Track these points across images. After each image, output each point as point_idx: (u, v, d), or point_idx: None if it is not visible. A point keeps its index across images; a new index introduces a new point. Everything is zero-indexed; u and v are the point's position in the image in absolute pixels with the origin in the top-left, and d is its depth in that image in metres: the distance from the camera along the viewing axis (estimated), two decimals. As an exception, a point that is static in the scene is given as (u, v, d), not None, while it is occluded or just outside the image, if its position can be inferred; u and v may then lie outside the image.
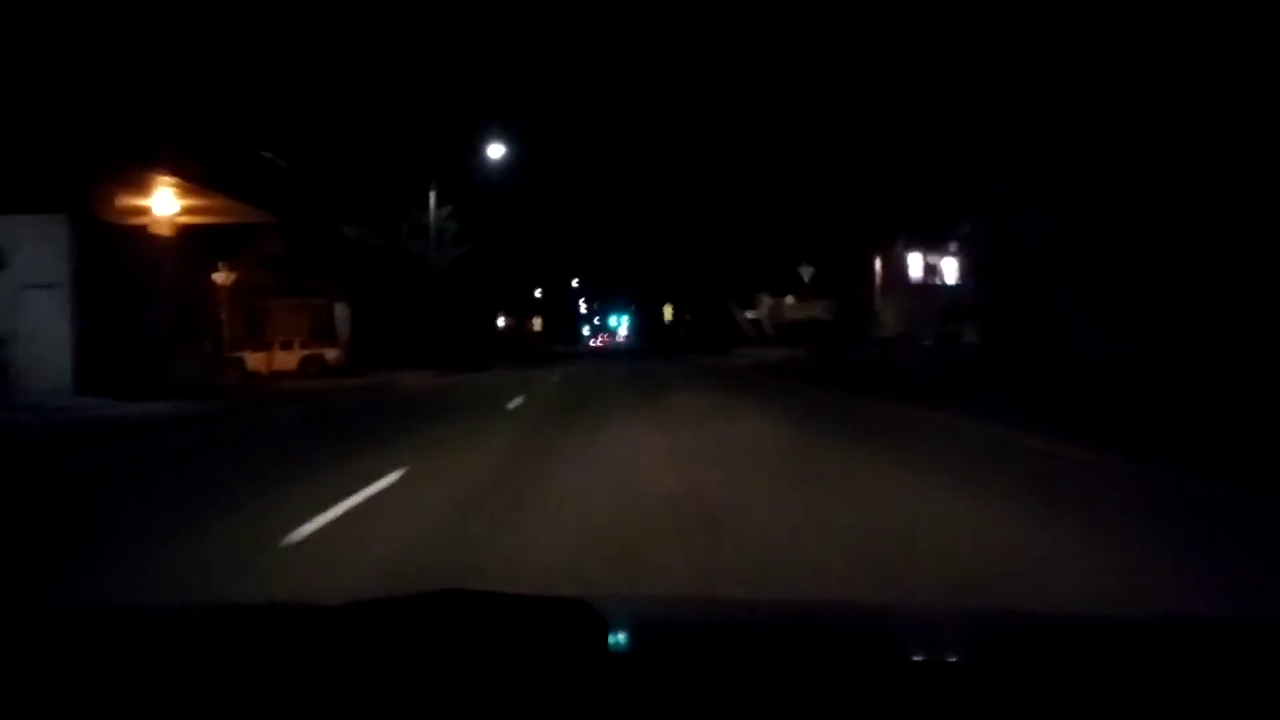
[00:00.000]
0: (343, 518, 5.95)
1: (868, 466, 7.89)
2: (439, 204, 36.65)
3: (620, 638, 1.32)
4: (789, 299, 45.05)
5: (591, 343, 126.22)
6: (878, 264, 45.08)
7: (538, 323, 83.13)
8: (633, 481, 7.21)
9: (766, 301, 44.37)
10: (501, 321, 69.29)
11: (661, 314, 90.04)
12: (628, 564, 4.58)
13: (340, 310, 41.63)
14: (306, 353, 32.30)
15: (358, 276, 38.18)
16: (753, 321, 47.81)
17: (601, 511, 5.91)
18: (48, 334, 17.90)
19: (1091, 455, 8.12)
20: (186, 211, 22.76)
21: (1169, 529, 5.26)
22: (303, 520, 5.69)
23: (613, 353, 66.34)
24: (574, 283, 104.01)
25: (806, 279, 35.33)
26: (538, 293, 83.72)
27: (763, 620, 1.67)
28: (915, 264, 42.16)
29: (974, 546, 4.80)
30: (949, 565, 4.41)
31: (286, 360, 32.15)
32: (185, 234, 23.66)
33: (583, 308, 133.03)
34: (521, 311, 77.34)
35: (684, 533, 5.24)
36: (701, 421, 12.02)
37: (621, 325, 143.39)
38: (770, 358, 35.31)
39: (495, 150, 34.92)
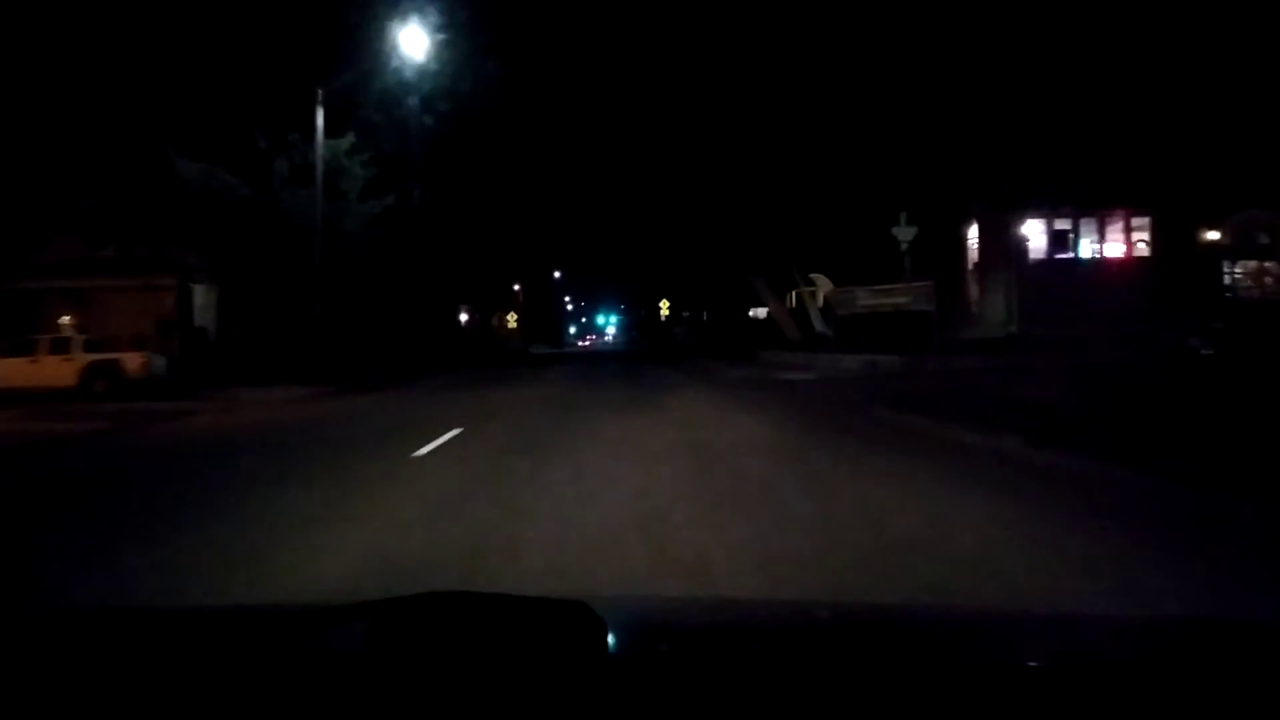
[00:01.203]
0: None
1: None
2: (335, 131, 23.88)
3: (620, 639, 1.28)
4: (831, 287, 32.52)
5: (579, 343, 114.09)
6: (972, 235, 32.45)
7: (511, 319, 70.34)
8: None
9: (822, 286, 31.57)
10: (465, 317, 56.64)
11: (657, 310, 77.35)
12: None
13: (201, 295, 28.93)
14: (93, 359, 19.62)
15: (219, 243, 25.40)
16: (793, 313, 35.09)
17: None
18: None
19: None
20: None
21: None
22: None
23: (599, 357, 53.18)
24: (556, 275, 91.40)
25: (904, 245, 22.45)
26: (516, 287, 71.31)
27: (763, 621, 1.67)
28: (1035, 233, 29.59)
29: None
30: None
31: (57, 372, 19.47)
32: None
33: (569, 305, 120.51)
34: (492, 306, 64.66)
35: None
36: None
37: (610, 324, 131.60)
38: (848, 368, 22.60)
39: (417, 39, 22.01)
